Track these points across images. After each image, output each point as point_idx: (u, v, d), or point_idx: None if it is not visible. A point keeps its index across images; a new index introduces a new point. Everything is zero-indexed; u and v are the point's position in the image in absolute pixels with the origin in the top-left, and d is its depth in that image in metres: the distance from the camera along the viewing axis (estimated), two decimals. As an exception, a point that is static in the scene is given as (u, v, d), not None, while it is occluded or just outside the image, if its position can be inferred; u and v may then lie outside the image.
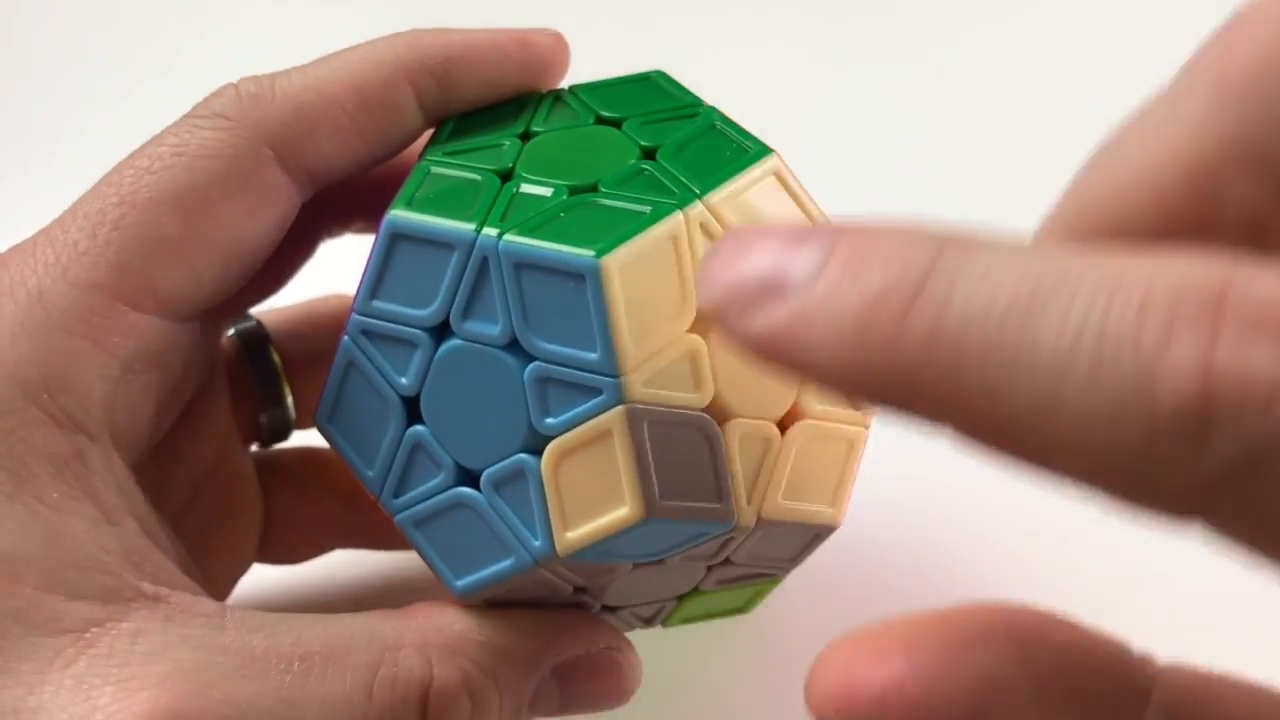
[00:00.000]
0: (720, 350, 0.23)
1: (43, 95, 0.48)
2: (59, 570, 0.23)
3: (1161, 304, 0.14)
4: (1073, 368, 0.14)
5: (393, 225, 0.24)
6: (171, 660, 0.22)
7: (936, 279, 0.15)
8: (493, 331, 0.23)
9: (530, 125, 0.26)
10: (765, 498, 0.24)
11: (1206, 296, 0.13)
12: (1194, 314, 0.13)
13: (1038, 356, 0.14)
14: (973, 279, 0.14)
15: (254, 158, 0.25)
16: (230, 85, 0.26)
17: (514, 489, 0.23)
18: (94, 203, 0.25)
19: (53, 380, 0.23)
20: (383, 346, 0.24)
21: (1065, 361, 0.14)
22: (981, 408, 0.14)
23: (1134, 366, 0.13)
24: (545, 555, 0.23)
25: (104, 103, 0.47)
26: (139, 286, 0.24)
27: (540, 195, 0.24)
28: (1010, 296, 0.14)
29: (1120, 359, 0.13)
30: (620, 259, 0.22)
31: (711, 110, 0.26)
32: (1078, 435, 0.14)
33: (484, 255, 0.23)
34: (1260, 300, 0.13)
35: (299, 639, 0.23)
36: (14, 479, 0.23)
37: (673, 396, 0.23)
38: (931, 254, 0.15)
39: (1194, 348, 0.13)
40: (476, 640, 0.24)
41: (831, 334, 0.15)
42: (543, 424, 0.23)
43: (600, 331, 0.22)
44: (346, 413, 0.25)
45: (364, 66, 0.26)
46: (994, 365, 0.14)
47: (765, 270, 0.16)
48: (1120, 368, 0.13)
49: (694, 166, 0.24)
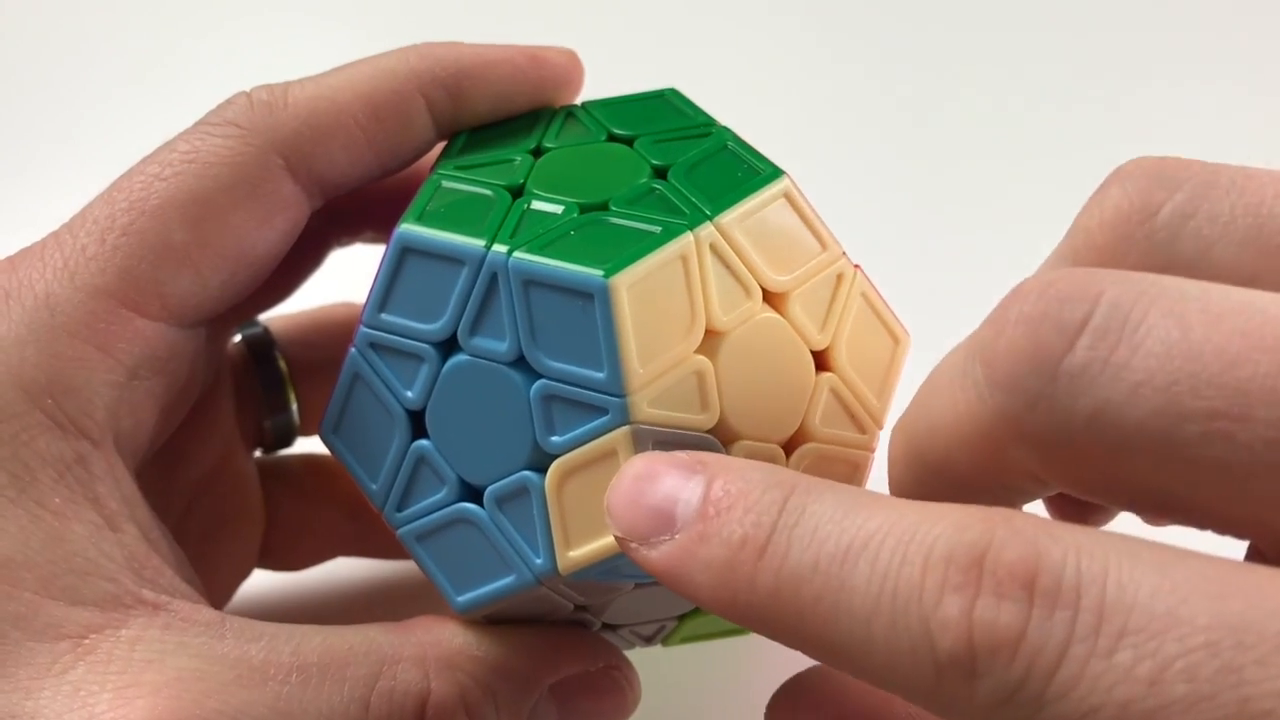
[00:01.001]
0: (727, 371, 0.23)
1: (56, 99, 0.48)
2: (59, 575, 0.23)
3: (938, 565, 0.17)
4: (877, 615, 0.17)
5: (403, 239, 0.24)
6: (170, 669, 0.22)
7: (778, 535, 0.18)
8: (500, 348, 0.23)
9: (542, 141, 0.26)
10: (768, 521, 0.23)
11: (970, 558, 0.17)
12: (959, 575, 0.17)
13: (853, 604, 0.17)
14: (804, 537, 0.18)
15: (264, 167, 0.25)
16: (243, 93, 0.26)
17: (517, 506, 0.23)
18: (103, 208, 0.25)
19: (57, 385, 0.23)
20: (389, 360, 0.24)
21: (871, 610, 0.17)
22: (819, 641, 0.18)
23: (919, 617, 0.17)
24: (547, 573, 0.23)
25: (116, 107, 0.47)
26: (146, 293, 0.24)
27: (551, 212, 0.24)
28: (831, 553, 0.18)
29: (909, 610, 0.17)
30: (629, 279, 0.22)
31: (724, 130, 0.26)
32: (888, 668, 0.17)
33: (493, 271, 0.23)
34: (1008, 561, 0.16)
35: (297, 650, 0.23)
36: (16, 483, 0.23)
37: (678, 418, 0.22)
38: (780, 502, 0.19)
39: (960, 605, 0.16)
40: (475, 656, 0.24)
41: (705, 570, 0.19)
42: (548, 442, 0.23)
43: (607, 351, 0.22)
44: (351, 425, 0.25)
45: (377, 77, 0.26)
46: (823, 610, 0.18)
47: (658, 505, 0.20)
48: (909, 617, 0.17)
49: (705, 187, 0.24)
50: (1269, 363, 0.16)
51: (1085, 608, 0.16)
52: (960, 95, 0.48)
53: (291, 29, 0.51)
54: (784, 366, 0.24)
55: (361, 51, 0.27)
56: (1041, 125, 0.47)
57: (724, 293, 0.23)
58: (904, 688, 0.17)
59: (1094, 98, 0.48)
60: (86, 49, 0.50)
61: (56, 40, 0.50)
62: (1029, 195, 0.44)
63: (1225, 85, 0.50)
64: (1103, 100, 0.49)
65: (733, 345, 0.23)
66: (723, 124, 0.26)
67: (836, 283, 0.25)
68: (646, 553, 0.20)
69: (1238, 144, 0.47)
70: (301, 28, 0.51)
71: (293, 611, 0.32)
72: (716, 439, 0.23)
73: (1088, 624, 0.16)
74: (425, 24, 0.38)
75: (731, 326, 0.23)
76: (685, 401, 0.23)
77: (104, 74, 0.48)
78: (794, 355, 0.24)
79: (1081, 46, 0.51)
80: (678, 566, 0.19)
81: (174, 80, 0.47)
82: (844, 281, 0.25)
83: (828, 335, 0.24)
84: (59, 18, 0.51)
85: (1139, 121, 0.47)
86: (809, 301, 0.24)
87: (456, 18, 0.50)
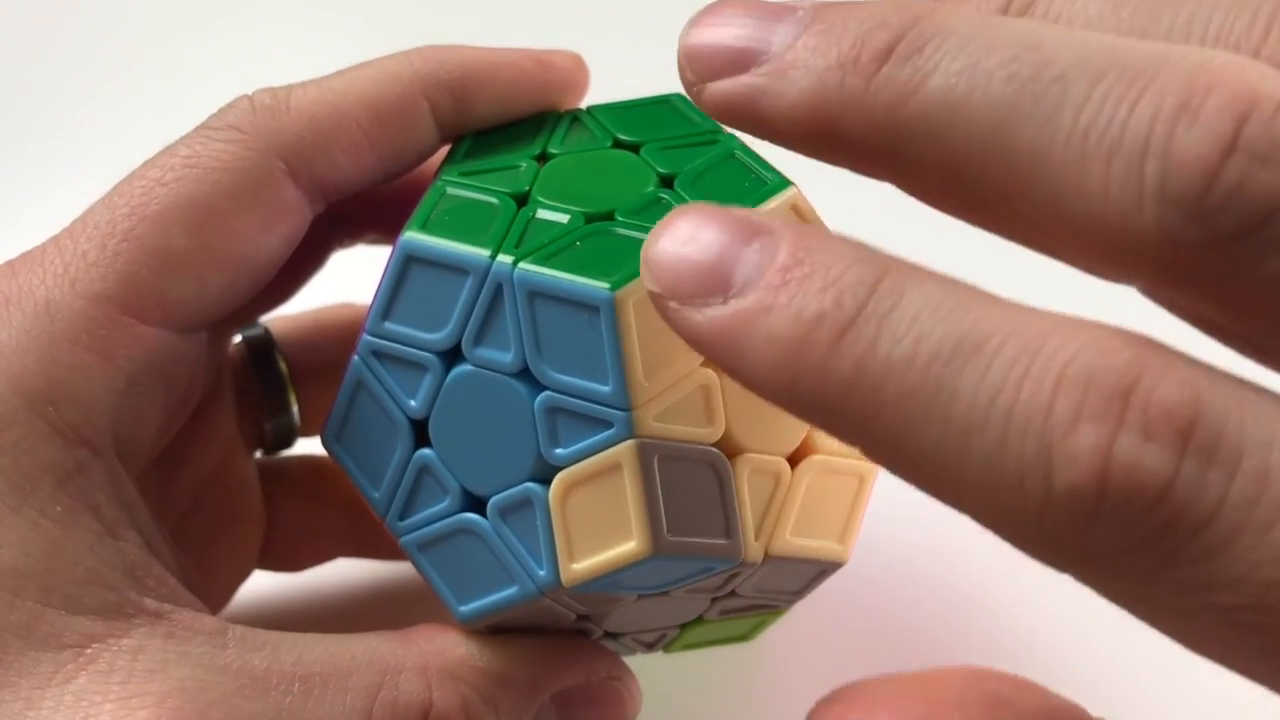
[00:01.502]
0: (732, 384, 0.23)
1: (56, 99, 0.48)
2: (61, 585, 0.23)
3: (1075, 387, 0.15)
4: (983, 431, 0.15)
5: (407, 247, 0.24)
6: (172, 678, 0.22)
7: (866, 317, 0.16)
8: (504, 359, 0.23)
9: (547, 146, 0.26)
10: (774, 534, 0.23)
11: (1117, 388, 0.15)
12: (1102, 404, 0.15)
13: (951, 413, 0.15)
14: (901, 324, 0.16)
15: (266, 172, 0.25)
16: (245, 97, 0.26)
17: (521, 517, 0.23)
18: (104, 213, 0.25)
19: (58, 393, 0.23)
20: (393, 368, 0.24)
21: (977, 424, 0.15)
22: (892, 446, 0.16)
23: (1039, 442, 0.15)
24: (550, 585, 0.23)
25: (117, 107, 0.47)
26: (147, 299, 0.24)
27: (556, 221, 0.24)
28: (933, 350, 0.15)
29: (1028, 432, 0.15)
30: (635, 292, 0.22)
31: (730, 138, 0.26)
32: (979, 490, 0.15)
33: (498, 282, 0.23)
34: (1162, 400, 0.15)
35: (300, 659, 0.23)
36: (17, 492, 0.23)
37: (684, 431, 0.22)
38: (870, 283, 0.16)
39: (1096, 437, 0.15)
40: (477, 666, 0.24)
41: (765, 346, 0.16)
42: (552, 454, 0.23)
43: (613, 364, 0.22)
44: (354, 432, 0.25)
45: (380, 81, 0.26)
46: (908, 413, 0.15)
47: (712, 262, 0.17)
48: (1026, 440, 0.15)
49: (712, 197, 0.24)
50: None
51: (1245, 471, 0.14)
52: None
53: (293, 29, 0.50)
54: (789, 378, 0.24)
55: (364, 51, 0.27)
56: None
57: (730, 304, 0.23)
58: (989, 512, 0.15)
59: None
60: (86, 48, 0.49)
61: (57, 40, 0.50)
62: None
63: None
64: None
65: (738, 357, 0.23)
66: (729, 131, 0.26)
67: (842, 293, 0.25)
68: (690, 315, 0.17)
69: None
70: (303, 27, 0.51)
71: (292, 612, 0.32)
72: (721, 451, 0.23)
73: (1245, 492, 0.14)
74: (427, 26, 0.38)
75: (737, 338, 0.23)
76: (690, 415, 0.23)
77: (103, 74, 0.48)
78: (799, 367, 0.24)
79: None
80: (729, 336, 0.17)
81: (174, 80, 0.47)
82: (850, 292, 0.25)
83: (833, 346, 0.24)
84: (60, 17, 0.51)
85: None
86: (815, 312, 0.24)
87: (459, 20, 0.50)
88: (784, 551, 0.24)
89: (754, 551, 0.23)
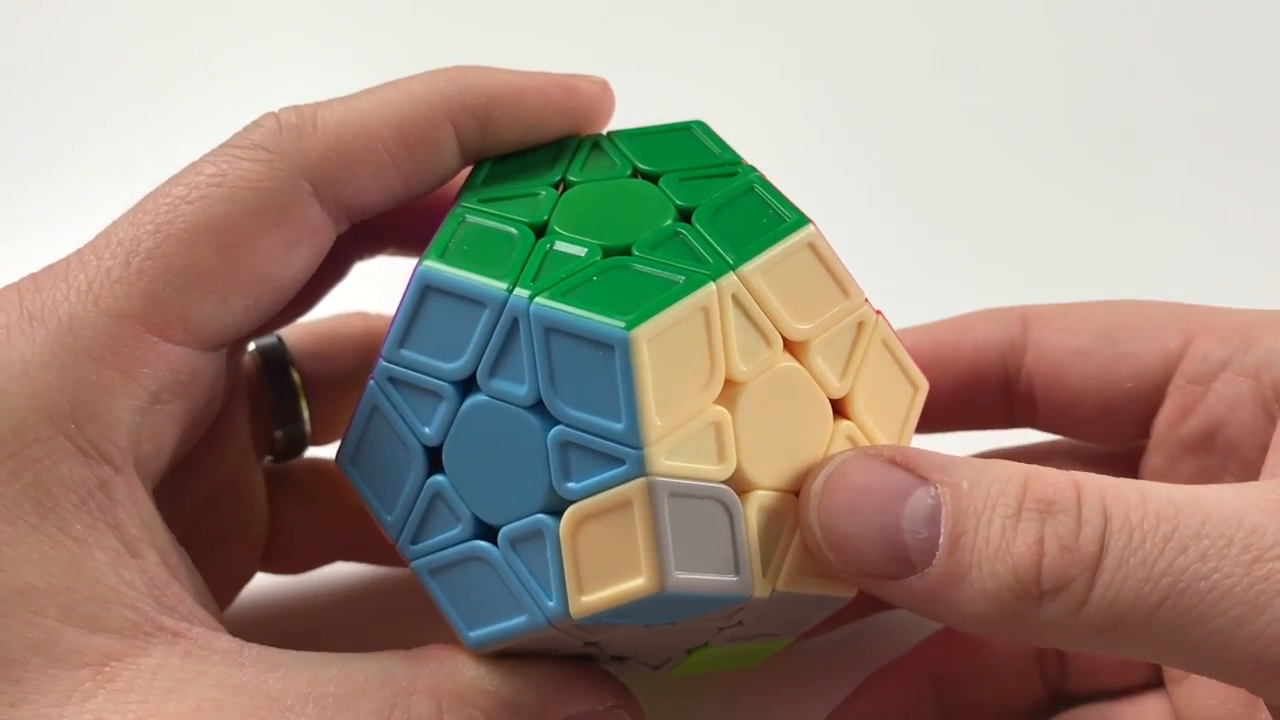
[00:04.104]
0: (745, 421, 0.23)
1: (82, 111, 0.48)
2: (80, 603, 0.23)
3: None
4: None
5: (425, 277, 0.24)
6: (190, 698, 0.23)
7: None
8: (519, 391, 0.23)
9: (567, 174, 0.26)
10: (782, 570, 0.24)
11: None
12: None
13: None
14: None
15: (292, 192, 0.25)
16: (271, 115, 0.26)
17: (531, 548, 0.23)
18: (128, 229, 0.25)
19: (80, 410, 0.24)
20: (408, 395, 0.24)
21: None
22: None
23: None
24: (559, 616, 0.23)
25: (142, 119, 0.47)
26: (170, 317, 0.24)
27: (573, 255, 0.24)
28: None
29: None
30: (650, 331, 0.22)
31: (750, 170, 0.26)
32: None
33: (514, 316, 0.23)
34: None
35: (314, 680, 0.24)
36: (38, 509, 0.23)
37: (695, 469, 0.23)
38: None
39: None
40: (487, 690, 0.24)
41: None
42: (563, 488, 0.23)
43: (626, 402, 0.22)
44: (369, 456, 0.25)
45: (407, 103, 0.26)
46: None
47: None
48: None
49: (729, 233, 0.24)
50: None
51: None
52: (988, 133, 0.48)
53: (315, 42, 0.50)
54: (801, 416, 0.24)
55: (387, 66, 0.27)
56: (1078, 173, 0.47)
57: (744, 343, 0.23)
58: None
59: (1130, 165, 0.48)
60: (114, 60, 0.49)
61: (86, 51, 0.50)
62: (1061, 235, 0.44)
63: (1226, 85, 0.50)
64: (1108, 114, 0.49)
65: (751, 395, 0.23)
66: (748, 163, 0.26)
67: (858, 330, 0.25)
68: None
69: (1238, 146, 0.47)
70: (325, 42, 0.50)
71: (292, 613, 0.33)
72: (732, 489, 0.23)
73: None
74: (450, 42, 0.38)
75: (751, 376, 0.23)
76: (702, 452, 0.23)
77: (127, 85, 0.48)
78: (812, 404, 0.24)
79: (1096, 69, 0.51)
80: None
81: (198, 93, 0.47)
82: (865, 329, 0.25)
83: (847, 383, 0.25)
84: (89, 30, 0.51)
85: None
86: (829, 350, 0.24)
87: (483, 37, 0.49)
88: (792, 587, 0.24)
89: (761, 587, 0.23)
